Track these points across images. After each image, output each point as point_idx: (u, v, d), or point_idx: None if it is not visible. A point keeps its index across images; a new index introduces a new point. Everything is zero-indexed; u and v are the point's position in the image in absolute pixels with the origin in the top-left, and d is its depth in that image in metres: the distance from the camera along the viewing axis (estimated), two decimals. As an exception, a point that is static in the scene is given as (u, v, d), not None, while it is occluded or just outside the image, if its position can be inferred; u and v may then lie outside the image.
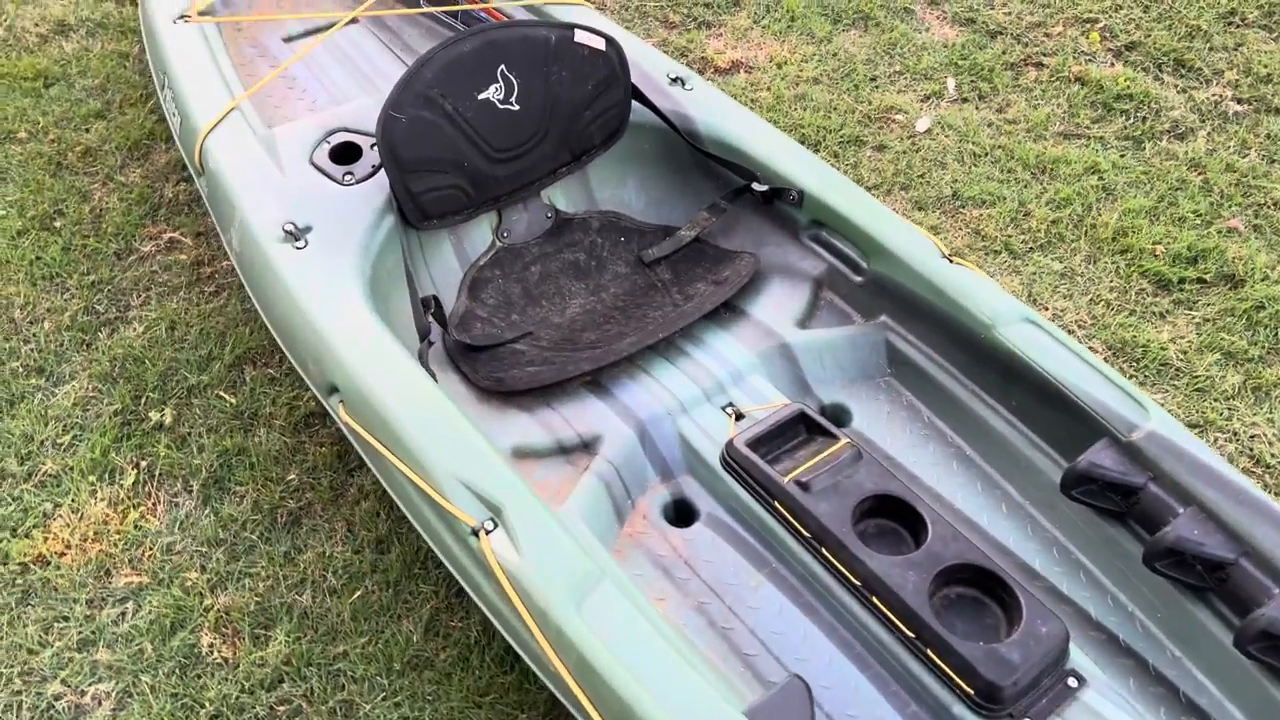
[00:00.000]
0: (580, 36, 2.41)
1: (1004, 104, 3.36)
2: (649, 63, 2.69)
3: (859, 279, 2.29)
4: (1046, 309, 2.71)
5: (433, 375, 1.95)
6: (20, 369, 2.51)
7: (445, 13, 3.05)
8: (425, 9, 3.04)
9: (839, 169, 3.10)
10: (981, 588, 1.76)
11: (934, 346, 2.18)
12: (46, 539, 2.16)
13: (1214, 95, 3.36)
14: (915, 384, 2.21)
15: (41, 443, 2.35)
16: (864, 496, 1.86)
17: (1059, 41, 3.58)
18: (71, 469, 2.29)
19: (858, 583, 1.76)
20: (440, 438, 1.80)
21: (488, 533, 1.67)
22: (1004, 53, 3.55)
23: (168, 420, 2.40)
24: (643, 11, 3.72)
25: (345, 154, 2.36)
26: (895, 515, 1.87)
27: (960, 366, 2.14)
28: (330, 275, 2.08)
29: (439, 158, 2.25)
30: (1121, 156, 3.16)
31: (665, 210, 2.64)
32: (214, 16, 2.86)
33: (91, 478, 2.27)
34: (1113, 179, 3.07)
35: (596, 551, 1.74)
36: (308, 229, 2.15)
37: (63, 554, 2.15)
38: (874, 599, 1.74)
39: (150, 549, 2.16)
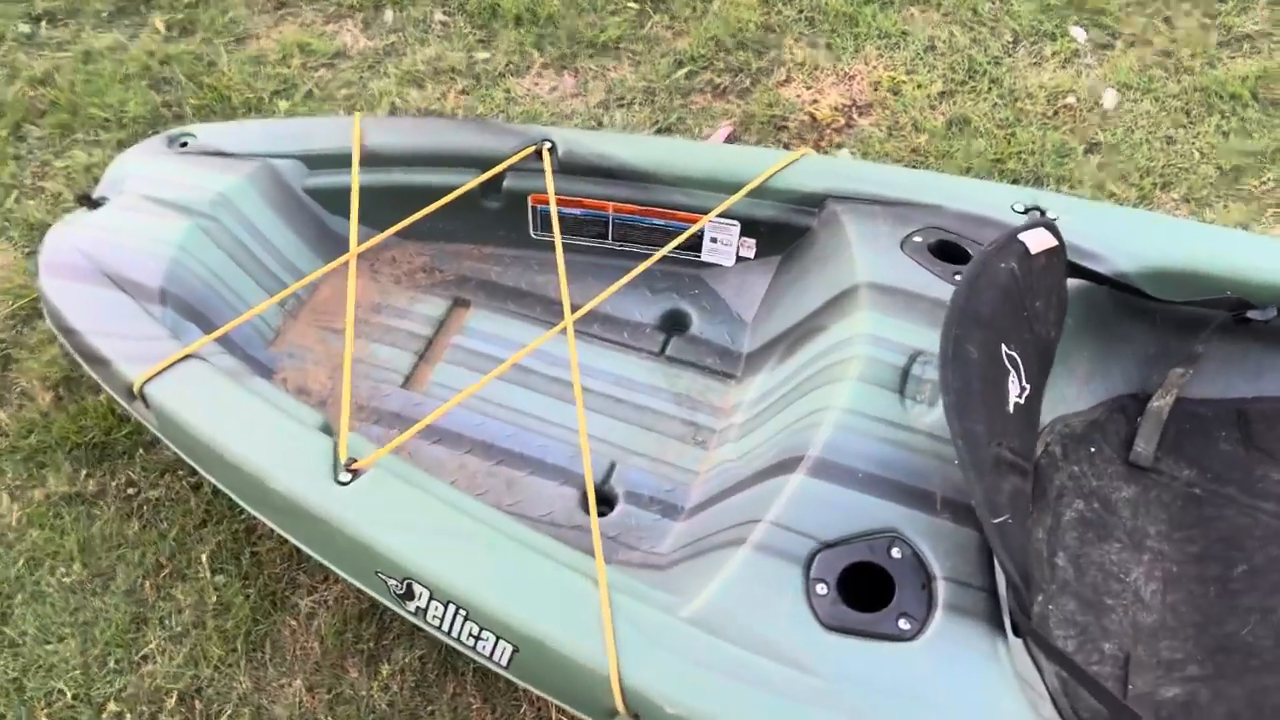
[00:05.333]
0: (1034, 245, 1.62)
1: (1141, 35, 2.85)
2: (980, 199, 1.93)
3: None
4: None
5: None
6: None
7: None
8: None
9: (1078, 191, 2.50)
10: None
11: None
12: None
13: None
14: None
15: None
16: None
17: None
18: None
19: None
20: None
21: None
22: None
23: None
24: (678, 89, 2.81)
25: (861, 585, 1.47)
26: None
27: None
28: None
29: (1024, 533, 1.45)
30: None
31: (1095, 386, 1.95)
32: (387, 442, 1.74)
33: None
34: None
35: None
36: None
37: None
38: None
39: None
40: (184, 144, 2.09)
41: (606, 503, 1.82)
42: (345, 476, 1.57)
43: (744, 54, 2.85)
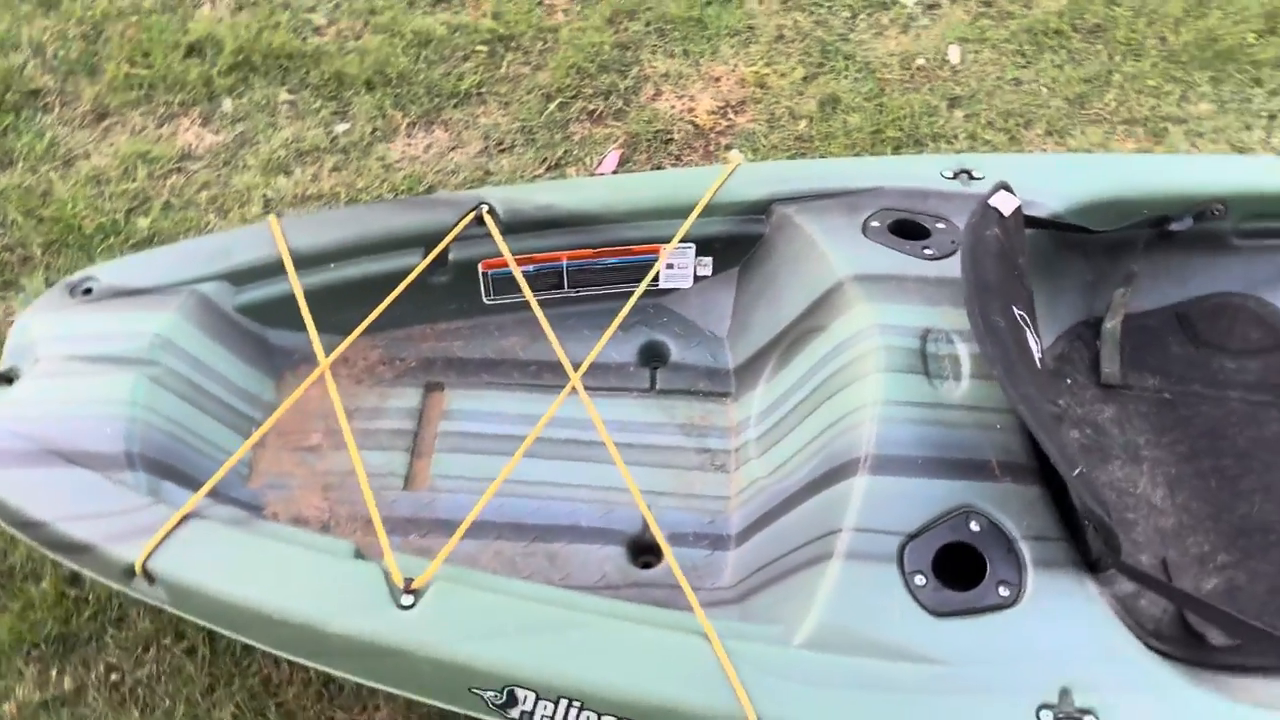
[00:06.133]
0: (1004, 208, 1.71)
1: (961, -13, 3.06)
2: (911, 173, 2.02)
3: None
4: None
5: None
6: None
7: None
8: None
9: (956, 145, 2.66)
10: None
11: None
12: None
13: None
14: None
15: None
16: None
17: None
18: None
19: None
20: None
21: None
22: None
23: None
24: (555, 123, 2.78)
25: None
26: None
27: None
28: None
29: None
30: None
31: (1051, 322, 2.06)
32: (411, 550, 1.64)
33: None
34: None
35: None
36: None
37: None
38: None
39: None
40: (88, 290, 1.90)
41: (653, 552, 1.80)
42: (407, 599, 1.48)
43: (608, 76, 2.86)
